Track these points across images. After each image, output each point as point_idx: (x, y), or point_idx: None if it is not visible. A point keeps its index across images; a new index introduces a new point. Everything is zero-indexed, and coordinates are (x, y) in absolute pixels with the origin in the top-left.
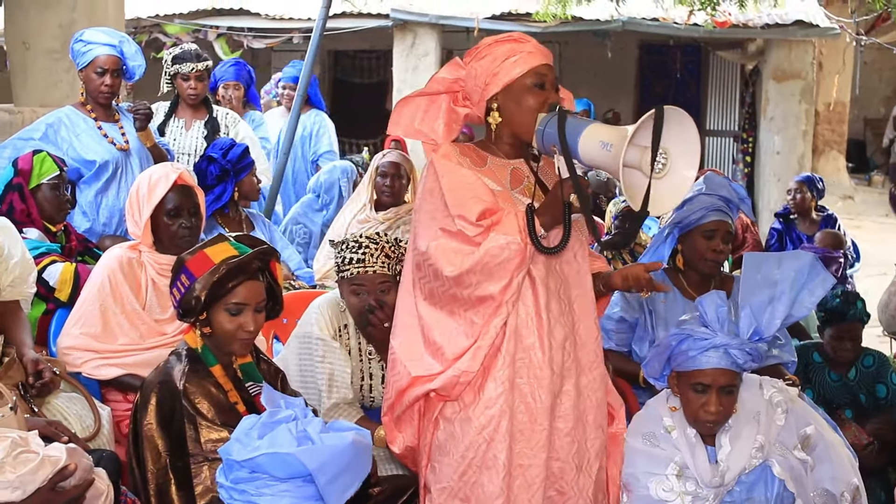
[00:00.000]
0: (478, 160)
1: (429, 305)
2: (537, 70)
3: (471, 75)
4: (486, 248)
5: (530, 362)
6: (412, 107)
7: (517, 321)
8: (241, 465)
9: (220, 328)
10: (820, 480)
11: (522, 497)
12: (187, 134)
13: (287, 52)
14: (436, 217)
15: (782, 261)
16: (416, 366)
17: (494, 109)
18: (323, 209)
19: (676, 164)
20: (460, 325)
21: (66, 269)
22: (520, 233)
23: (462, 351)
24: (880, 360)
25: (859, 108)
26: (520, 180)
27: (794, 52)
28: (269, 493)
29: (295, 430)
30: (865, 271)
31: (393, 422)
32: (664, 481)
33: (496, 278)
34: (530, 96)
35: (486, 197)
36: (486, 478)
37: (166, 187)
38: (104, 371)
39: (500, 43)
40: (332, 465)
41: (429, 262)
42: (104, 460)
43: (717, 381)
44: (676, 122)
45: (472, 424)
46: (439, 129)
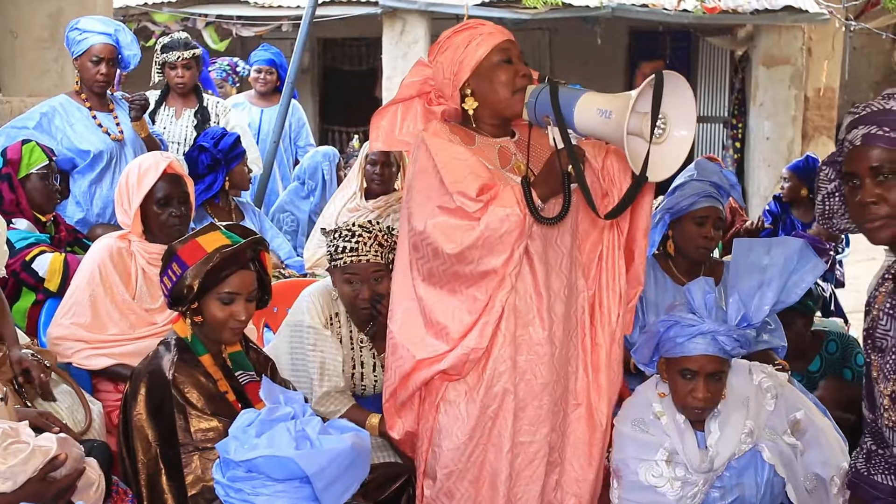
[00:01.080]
0: (467, 139)
1: (428, 286)
2: (500, 46)
3: (438, 70)
4: (486, 221)
5: (530, 339)
6: (389, 117)
7: (516, 298)
8: (237, 465)
9: (212, 317)
10: (810, 465)
11: (524, 474)
12: (177, 122)
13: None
14: (431, 196)
15: (772, 247)
16: (419, 348)
17: (469, 95)
18: (309, 195)
19: (674, 128)
20: (463, 303)
21: (55, 260)
22: (518, 204)
23: (467, 328)
24: (844, 344)
25: (849, 94)
26: (507, 159)
27: (784, 38)
28: (266, 492)
29: (293, 430)
30: (854, 257)
31: (395, 408)
32: (654, 467)
33: (497, 251)
34: (501, 72)
35: (482, 172)
36: (492, 455)
37: (156, 176)
38: (94, 361)
39: (457, 32)
40: (330, 469)
41: (427, 241)
42: (95, 450)
43: (704, 368)
44: (673, 85)
45: (477, 405)
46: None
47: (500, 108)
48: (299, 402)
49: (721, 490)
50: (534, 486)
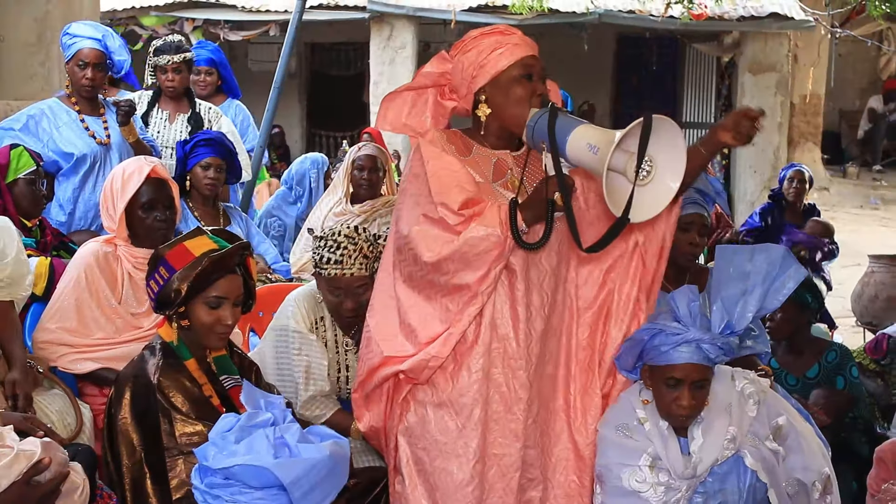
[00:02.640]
0: (463, 149)
1: (407, 288)
2: (524, 61)
3: (457, 69)
4: (465, 237)
5: (505, 353)
6: (399, 101)
7: (493, 312)
8: (215, 472)
9: (199, 321)
10: (792, 470)
11: (498, 486)
12: (171, 127)
13: (264, 44)
14: (419, 202)
15: (754, 253)
16: (388, 345)
17: (483, 101)
18: (296, 201)
19: (661, 174)
20: (436, 311)
21: (40, 264)
22: (500, 225)
23: (435, 336)
24: (843, 354)
25: (834, 101)
26: (502, 172)
27: (770, 45)
28: (244, 499)
29: (272, 437)
30: (840, 262)
31: (362, 399)
32: (637, 472)
33: (473, 268)
34: (518, 87)
35: (469, 186)
36: (454, 465)
37: (140, 180)
38: (80, 365)
39: (485, 35)
40: (307, 478)
41: (409, 246)
42: (80, 454)
43: (689, 376)
44: (665, 131)
45: (446, 411)
46: (427, 123)
47: (509, 122)
48: (280, 408)
49: (704, 496)
50: (508, 498)
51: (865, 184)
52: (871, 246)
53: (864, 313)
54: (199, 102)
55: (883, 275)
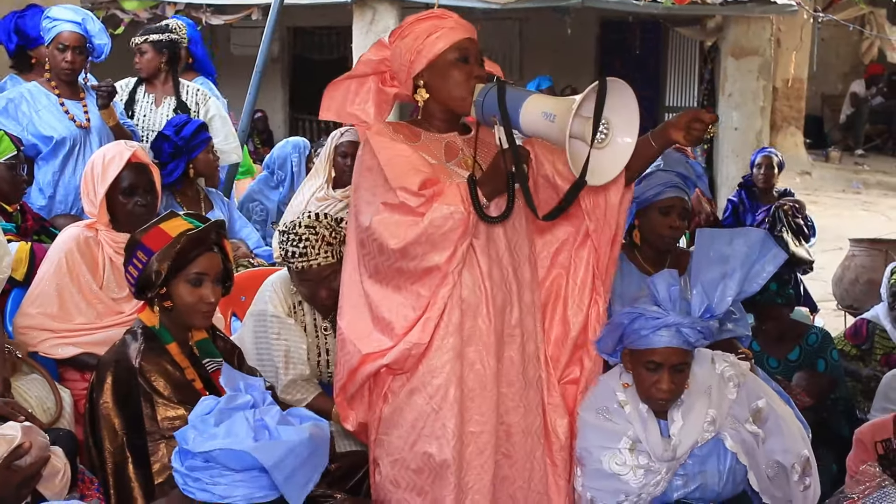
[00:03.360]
0: (411, 136)
1: (374, 283)
2: (459, 44)
3: (396, 54)
4: (430, 218)
5: (479, 330)
6: (342, 90)
7: (462, 290)
8: (195, 455)
9: (181, 301)
10: (771, 452)
11: (475, 463)
12: (157, 111)
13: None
14: (376, 193)
15: (734, 237)
16: (365, 344)
17: (421, 87)
18: (278, 186)
19: (617, 134)
20: (407, 299)
21: (21, 249)
22: (463, 202)
23: (411, 324)
24: (823, 337)
25: (817, 85)
26: (455, 153)
27: (752, 29)
28: (224, 482)
29: (252, 420)
30: (821, 246)
31: (346, 401)
32: (617, 455)
33: (440, 248)
34: (455, 70)
35: (424, 168)
36: (435, 447)
37: (120, 165)
38: (61, 350)
39: (421, 20)
40: (288, 460)
41: (373, 238)
42: (61, 439)
43: (668, 360)
44: (618, 92)
45: (420, 394)
46: (370, 110)
47: (450, 104)
48: (259, 390)
49: (684, 478)
50: (485, 475)
51: (848, 168)
52: (852, 230)
53: (845, 297)
54: (187, 85)
55: (863, 258)
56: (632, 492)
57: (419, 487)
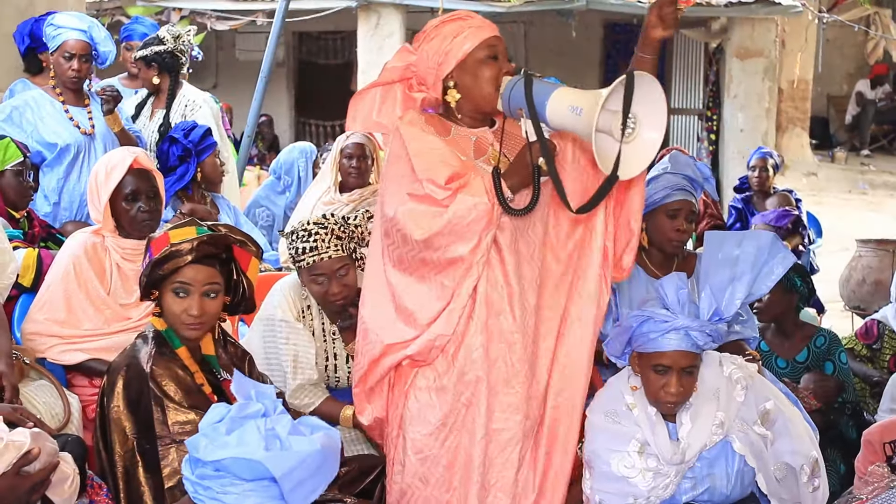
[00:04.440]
0: (442, 130)
1: (398, 272)
2: (488, 42)
3: (422, 59)
4: (454, 209)
5: (501, 328)
6: (368, 99)
7: (487, 287)
8: (206, 463)
9: (168, 309)
10: (780, 454)
11: (497, 461)
12: (149, 124)
13: (251, 33)
14: (402, 183)
15: (743, 240)
16: (388, 334)
17: (452, 87)
18: (285, 191)
19: (644, 128)
20: (431, 290)
21: (28, 255)
22: (487, 194)
23: (435, 315)
24: (831, 340)
25: (822, 86)
26: (483, 150)
27: (757, 30)
28: (235, 491)
29: (263, 429)
30: (827, 247)
31: (364, 393)
32: (626, 458)
33: (465, 239)
34: (485, 68)
35: (453, 161)
36: (466, 441)
37: (122, 172)
38: (69, 356)
39: (446, 23)
40: (298, 471)
41: (397, 228)
42: (69, 444)
43: (677, 363)
44: (645, 86)
45: (449, 392)
46: (398, 117)
47: (481, 103)
48: (270, 398)
49: (692, 480)
50: (507, 472)
51: (854, 168)
52: (859, 231)
53: (852, 298)
54: (183, 95)
55: (870, 259)
56: (640, 495)
57: (449, 483)
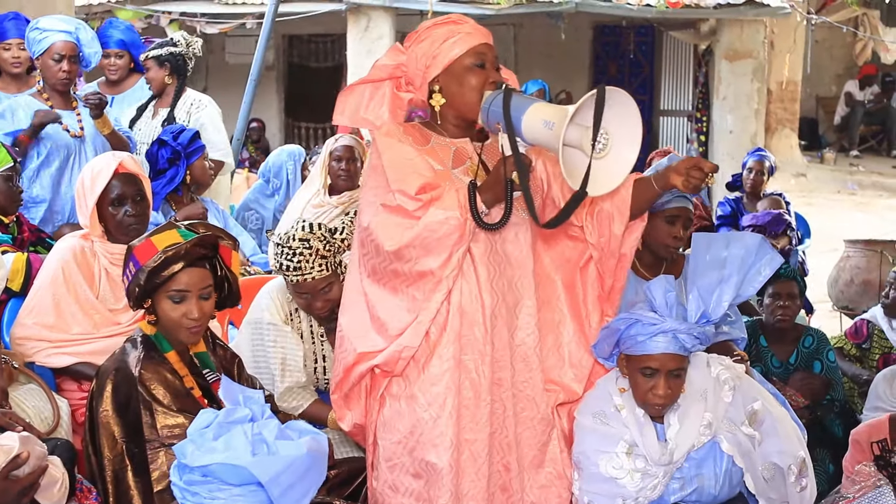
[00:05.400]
0: (421, 139)
1: (372, 282)
2: (477, 49)
3: (411, 59)
4: (424, 222)
5: (475, 339)
6: (356, 95)
7: (461, 298)
8: (193, 469)
9: (165, 316)
10: (767, 454)
11: (469, 471)
12: (151, 122)
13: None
14: (377, 193)
15: (730, 241)
16: (361, 342)
17: (437, 91)
18: (274, 194)
19: (618, 146)
20: (403, 302)
21: (17, 259)
22: (460, 208)
23: (404, 326)
24: (819, 339)
25: (811, 87)
26: (462, 160)
27: (746, 32)
28: (222, 496)
29: (250, 434)
30: (816, 248)
31: (342, 399)
32: (614, 459)
33: (435, 253)
34: (471, 76)
35: (426, 172)
36: (433, 455)
37: (108, 176)
38: (57, 360)
39: (438, 25)
40: (285, 475)
41: (370, 238)
42: (59, 449)
43: (665, 366)
44: (619, 103)
45: (419, 401)
46: (384, 115)
47: (464, 110)
48: (258, 403)
49: (680, 481)
50: (480, 483)
51: (843, 169)
52: (848, 231)
53: (840, 298)
54: (188, 97)
55: (858, 259)
56: (629, 496)
57: (417, 493)
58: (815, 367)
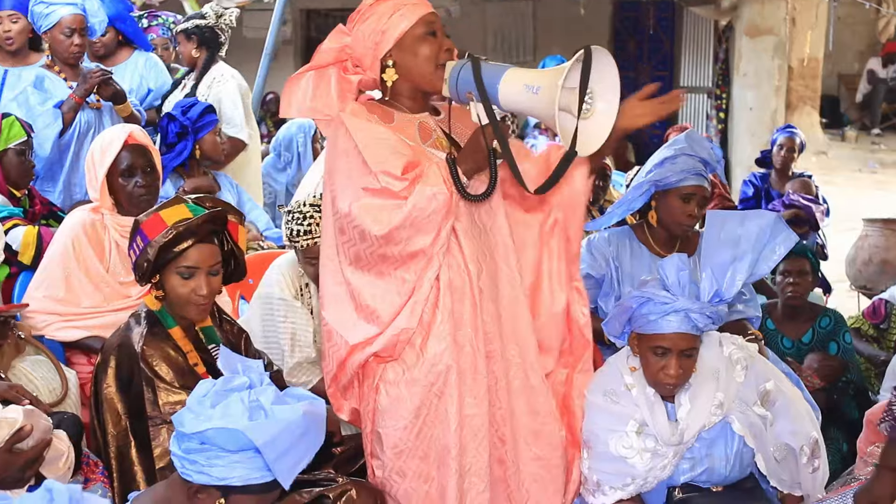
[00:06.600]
0: (385, 117)
1: (355, 269)
2: (426, 19)
3: (358, 39)
4: (413, 201)
5: (466, 313)
6: (302, 84)
7: (450, 274)
8: (191, 437)
9: (174, 292)
10: (779, 435)
11: (470, 446)
12: (178, 95)
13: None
14: (354, 177)
15: (745, 219)
16: (351, 334)
17: (390, 66)
18: (285, 168)
19: (600, 102)
20: (391, 285)
21: (28, 233)
22: (445, 183)
23: (398, 310)
24: (836, 320)
25: (833, 64)
26: (428, 134)
27: (767, 8)
28: (221, 463)
29: (247, 401)
30: (836, 226)
31: (338, 391)
32: (624, 438)
33: (425, 231)
34: (425, 45)
35: (404, 150)
36: (440, 431)
37: (118, 148)
38: (67, 333)
39: (381, 1)
40: (281, 439)
41: (353, 224)
42: (65, 422)
43: (676, 345)
44: (599, 60)
45: (420, 384)
46: (334, 101)
47: (421, 82)
48: (257, 372)
49: (691, 461)
50: (481, 457)
51: (864, 147)
52: (868, 210)
53: (858, 277)
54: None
55: (876, 238)
56: (638, 475)
57: (426, 474)
58: (831, 348)
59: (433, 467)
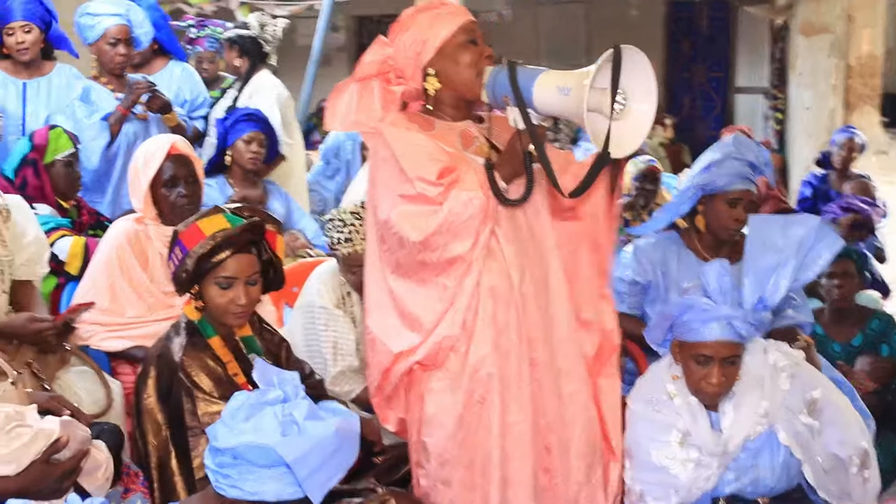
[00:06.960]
0: (426, 125)
1: (397, 277)
2: (465, 27)
3: (399, 50)
4: (449, 206)
5: (509, 319)
6: (346, 96)
7: (492, 280)
8: (223, 451)
9: (212, 302)
10: (827, 444)
11: (515, 454)
12: (221, 104)
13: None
14: (392, 185)
15: (788, 224)
16: (395, 342)
17: (432, 76)
18: (335, 175)
19: (634, 103)
20: (433, 292)
21: (75, 243)
22: (481, 188)
23: (439, 317)
24: (886, 322)
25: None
26: (470, 141)
27: (823, 6)
28: (253, 478)
29: (280, 415)
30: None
31: (383, 401)
32: (666, 448)
33: (462, 237)
34: (466, 52)
35: (441, 156)
36: (483, 438)
37: (161, 158)
38: (111, 343)
39: (420, 12)
40: (312, 456)
41: (392, 231)
42: (105, 433)
43: (719, 353)
44: (631, 59)
45: (464, 391)
46: (377, 113)
47: (462, 89)
48: (292, 384)
49: (736, 472)
50: (525, 466)
51: None
52: None
53: None
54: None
55: None
56: (681, 486)
57: (471, 483)
58: (883, 350)
59: (478, 476)
